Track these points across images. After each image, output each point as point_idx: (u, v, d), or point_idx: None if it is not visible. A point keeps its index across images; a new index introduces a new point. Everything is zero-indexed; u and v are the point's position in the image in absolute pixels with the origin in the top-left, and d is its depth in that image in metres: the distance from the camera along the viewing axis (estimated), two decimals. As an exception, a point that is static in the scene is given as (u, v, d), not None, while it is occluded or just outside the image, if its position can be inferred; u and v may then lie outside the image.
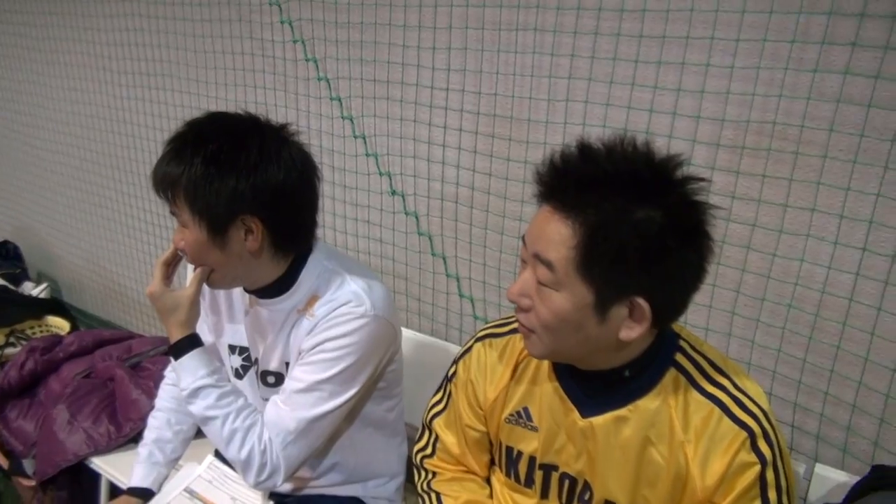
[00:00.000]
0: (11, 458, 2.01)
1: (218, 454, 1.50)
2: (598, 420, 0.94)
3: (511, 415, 1.04)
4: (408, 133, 1.70)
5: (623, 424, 0.92)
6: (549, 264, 0.84)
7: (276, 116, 1.88)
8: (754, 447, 0.86)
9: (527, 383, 1.02)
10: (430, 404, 1.18)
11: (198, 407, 1.17)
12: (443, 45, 1.57)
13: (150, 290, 1.18)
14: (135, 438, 1.83)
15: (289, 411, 1.16)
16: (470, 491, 1.12)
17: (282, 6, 1.83)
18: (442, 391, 1.16)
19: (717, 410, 0.88)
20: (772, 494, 0.86)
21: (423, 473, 1.18)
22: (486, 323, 1.13)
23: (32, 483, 1.90)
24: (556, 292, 0.85)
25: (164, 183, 1.11)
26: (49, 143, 2.92)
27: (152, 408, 1.82)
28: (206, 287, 1.22)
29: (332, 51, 1.77)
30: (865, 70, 1.11)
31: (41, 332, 2.73)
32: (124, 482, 1.70)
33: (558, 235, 0.83)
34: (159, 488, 1.39)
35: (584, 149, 0.86)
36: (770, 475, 0.86)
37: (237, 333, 1.32)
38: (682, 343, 0.94)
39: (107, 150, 2.65)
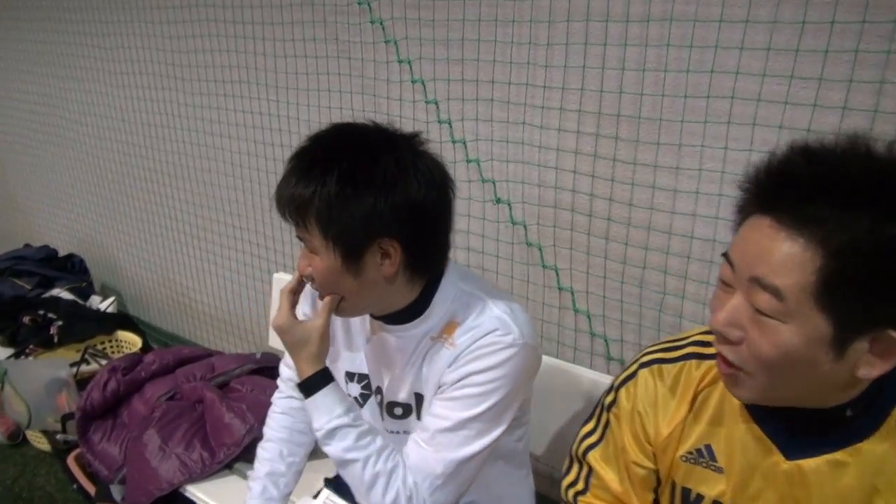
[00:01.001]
0: (97, 483, 1.94)
1: (329, 484, 1.41)
2: (810, 464, 0.81)
3: (689, 453, 0.91)
4: (514, 137, 1.58)
5: (841, 470, 0.80)
6: (776, 291, 0.71)
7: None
8: None
9: (709, 418, 0.90)
10: (582, 434, 1.05)
11: (335, 448, 1.06)
12: (558, 41, 1.45)
13: (277, 323, 1.09)
14: (229, 464, 1.75)
15: (433, 452, 1.06)
16: None
17: (371, 5, 1.72)
18: (595, 420, 1.03)
19: None
20: None
21: None
22: (650, 346, 1.00)
23: (121, 510, 1.84)
24: (781, 324, 0.72)
25: (293, 205, 1.01)
26: (112, 153, 2.87)
27: (247, 432, 1.76)
28: (311, 297, 1.14)
29: (428, 51, 1.66)
30: None
31: (113, 347, 2.68)
32: (220, 511, 1.63)
33: (789, 257, 0.70)
34: None
35: (811, 152, 0.73)
36: None
37: (356, 360, 1.22)
38: None
39: (174, 159, 2.58)
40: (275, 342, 2.01)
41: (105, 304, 2.97)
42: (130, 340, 2.67)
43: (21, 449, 2.50)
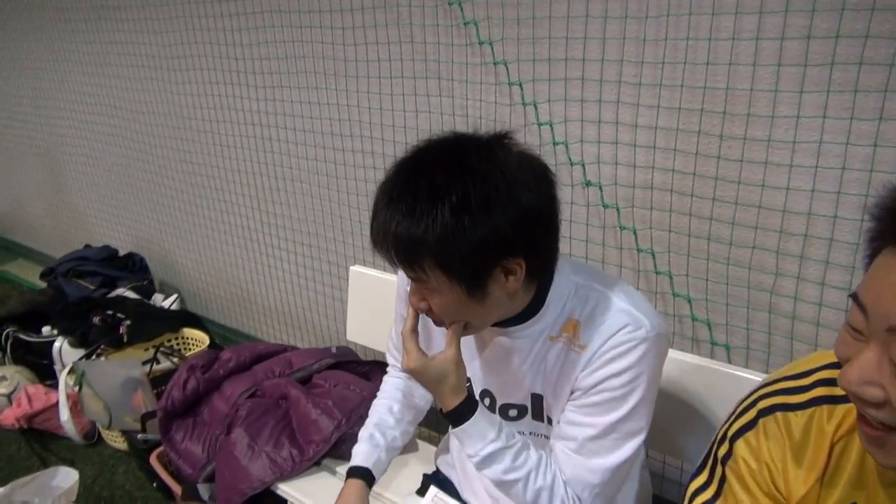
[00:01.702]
0: (182, 482, 1.94)
1: (431, 480, 1.38)
2: None
3: None
4: (606, 117, 1.52)
5: None
6: None
7: (443, 109, 1.79)
8: None
9: (849, 477, 0.77)
10: (693, 489, 0.90)
11: (494, 472, 1.04)
12: (636, 14, 1.39)
13: (411, 366, 1.04)
14: (318, 462, 1.73)
15: (585, 461, 1.02)
16: None
17: (462, 6, 1.66)
18: (708, 473, 0.89)
19: None
20: None
21: None
22: (767, 383, 0.85)
23: (209, 508, 1.83)
24: None
25: (402, 247, 0.91)
26: (168, 150, 2.86)
27: (335, 429, 1.74)
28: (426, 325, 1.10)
29: (510, 31, 1.60)
30: None
31: (181, 345, 2.68)
32: (313, 508, 1.61)
33: None
34: (380, 474, 1.33)
35: None
36: None
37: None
38: None
39: (233, 154, 2.56)
40: (354, 337, 1.98)
41: (168, 302, 2.98)
42: (198, 338, 2.67)
43: (97, 448, 2.52)
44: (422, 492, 1.34)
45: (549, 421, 1.13)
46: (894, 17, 1.13)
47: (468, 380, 1.16)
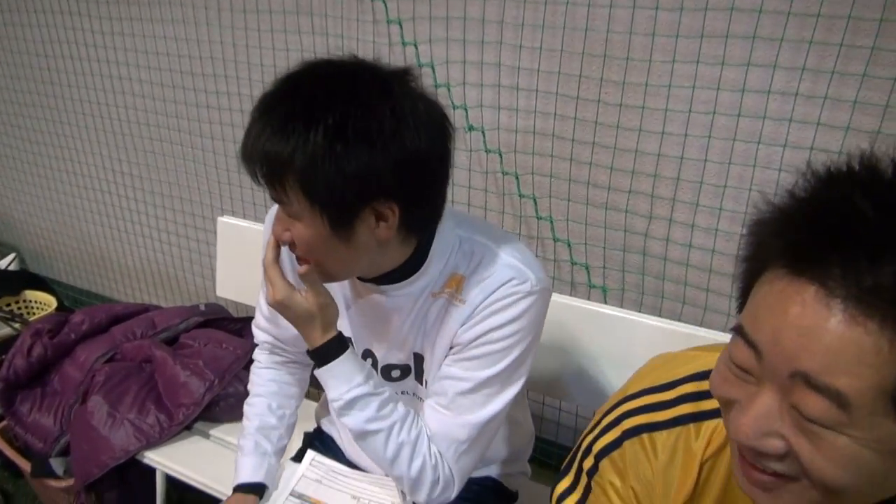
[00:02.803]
0: (31, 457, 1.75)
1: (311, 441, 1.32)
2: None
3: None
4: (479, 58, 1.48)
5: None
6: (837, 396, 0.50)
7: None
8: None
9: (719, 490, 0.71)
10: (560, 492, 0.84)
11: (356, 419, 0.97)
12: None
13: (277, 298, 0.96)
14: (189, 426, 1.62)
15: (454, 417, 0.99)
16: None
17: None
18: (573, 477, 0.83)
19: None
20: None
21: None
22: (628, 398, 0.77)
23: (64, 484, 1.67)
24: (842, 436, 0.51)
25: (267, 165, 0.85)
26: None
27: (207, 390, 1.63)
28: (290, 263, 1.00)
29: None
30: None
31: (23, 308, 2.41)
32: (186, 474, 1.51)
33: (855, 348, 0.49)
34: (273, 483, 1.19)
35: (875, 192, 0.50)
36: None
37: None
38: None
39: (70, 94, 2.29)
40: (224, 293, 1.85)
41: (5, 263, 2.66)
42: (43, 300, 2.41)
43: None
44: (300, 456, 1.27)
45: (427, 385, 1.09)
46: (763, -36, 1.17)
47: (347, 339, 1.10)
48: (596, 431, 0.79)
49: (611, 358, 1.33)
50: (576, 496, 0.81)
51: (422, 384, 1.10)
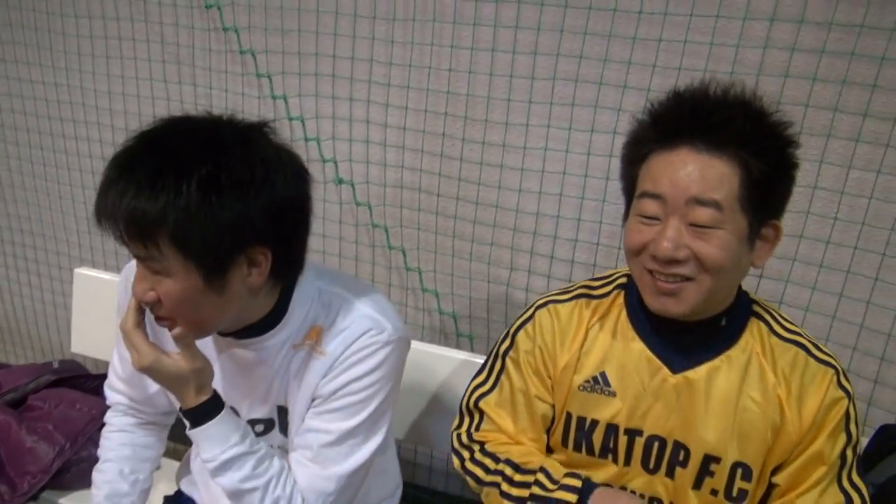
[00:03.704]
0: None
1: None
2: (693, 374, 0.93)
3: (586, 381, 0.98)
4: (357, 115, 1.53)
5: (717, 375, 0.93)
6: (715, 204, 0.83)
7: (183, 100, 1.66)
8: (840, 384, 0.91)
9: (601, 348, 0.99)
10: (473, 386, 1.08)
11: (231, 479, 0.95)
12: (385, 15, 1.43)
13: (144, 364, 0.92)
14: (35, 496, 1.50)
15: (320, 470, 0.99)
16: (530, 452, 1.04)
17: None
18: (487, 371, 1.07)
19: (801, 352, 0.92)
20: (853, 428, 0.91)
21: (466, 451, 1.05)
22: (542, 294, 1.07)
23: None
24: (720, 230, 0.84)
25: (135, 224, 0.82)
26: None
27: (56, 455, 1.53)
28: (153, 325, 0.97)
29: (257, 19, 1.54)
30: (864, 52, 1.16)
31: None
32: (29, 549, 1.40)
33: (717, 173, 0.83)
34: None
35: (702, 90, 0.87)
36: (852, 409, 0.91)
37: None
38: (752, 296, 0.98)
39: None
40: (80, 348, 1.75)
41: None
42: None
43: None
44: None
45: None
46: (603, 40, 1.29)
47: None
48: (514, 322, 1.07)
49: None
50: (489, 384, 1.06)
51: (287, 437, 1.09)
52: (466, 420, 1.08)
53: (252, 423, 1.08)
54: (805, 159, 1.24)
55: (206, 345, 1.04)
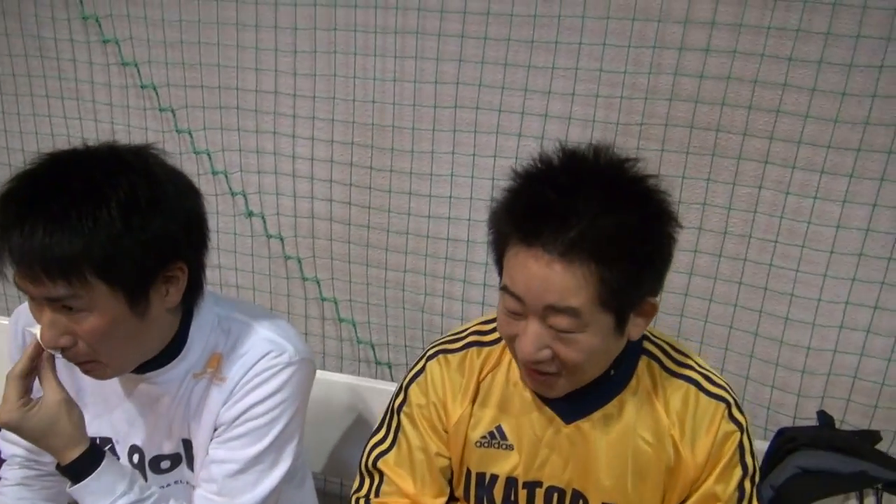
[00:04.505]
0: None
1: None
2: (585, 423, 0.92)
3: (483, 437, 0.96)
4: (264, 147, 1.52)
5: (610, 421, 0.92)
6: (573, 312, 0.79)
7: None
8: (731, 416, 0.91)
9: (496, 401, 0.96)
10: (371, 444, 1.04)
11: None
12: (287, 49, 1.44)
13: (6, 419, 0.87)
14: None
15: (229, 501, 0.96)
16: None
17: (101, 21, 1.52)
18: (385, 428, 1.03)
19: (692, 389, 0.92)
20: (748, 459, 0.91)
21: None
22: (433, 343, 1.04)
23: None
24: (581, 334, 0.81)
25: (55, 263, 0.78)
26: None
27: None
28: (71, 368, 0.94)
29: (158, 53, 1.52)
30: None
31: None
32: None
33: (573, 280, 0.78)
34: None
35: (553, 181, 0.80)
36: (745, 440, 0.91)
37: (96, 422, 1.04)
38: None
39: None
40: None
41: None
42: None
43: None
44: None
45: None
46: (500, 68, 1.33)
47: (109, 440, 1.04)
48: (406, 374, 1.03)
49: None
50: (387, 442, 1.02)
51: (193, 471, 1.06)
52: (367, 482, 1.04)
53: (157, 459, 1.05)
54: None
55: (113, 384, 1.01)
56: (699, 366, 0.94)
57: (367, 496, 1.03)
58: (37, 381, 0.93)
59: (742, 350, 1.37)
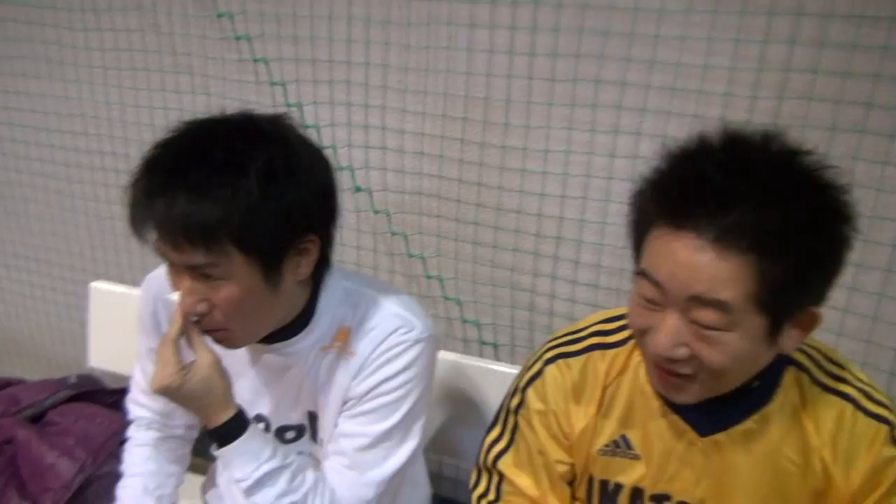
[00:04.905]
0: None
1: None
2: (722, 437, 0.85)
3: (606, 446, 0.91)
4: (374, 122, 1.51)
5: (752, 438, 0.84)
6: (721, 306, 0.71)
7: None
8: (894, 440, 0.81)
9: (621, 409, 0.90)
10: (489, 442, 1.00)
11: (266, 497, 0.92)
12: (399, 20, 1.40)
13: (165, 383, 0.88)
14: (56, 513, 1.48)
15: (358, 476, 0.97)
16: None
17: None
18: (500, 425, 1.00)
19: (848, 407, 0.82)
20: None
21: None
22: (549, 340, 0.98)
23: None
24: (727, 334, 0.72)
25: (197, 230, 0.80)
26: None
27: (78, 471, 1.52)
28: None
29: (271, 28, 1.52)
30: None
31: None
32: (52, 569, 1.38)
33: (728, 271, 0.70)
34: None
35: (717, 159, 0.73)
36: None
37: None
38: None
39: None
40: (98, 363, 1.74)
41: None
42: None
43: None
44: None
45: (323, 444, 1.06)
46: (624, 39, 1.26)
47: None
48: (522, 373, 0.97)
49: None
50: (504, 441, 0.98)
51: (317, 443, 1.07)
52: (484, 481, 1.01)
53: (282, 430, 1.07)
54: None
55: (240, 354, 1.03)
56: (858, 380, 0.85)
57: (487, 496, 1.00)
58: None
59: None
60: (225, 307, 0.87)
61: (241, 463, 0.92)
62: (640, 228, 0.78)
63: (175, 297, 0.87)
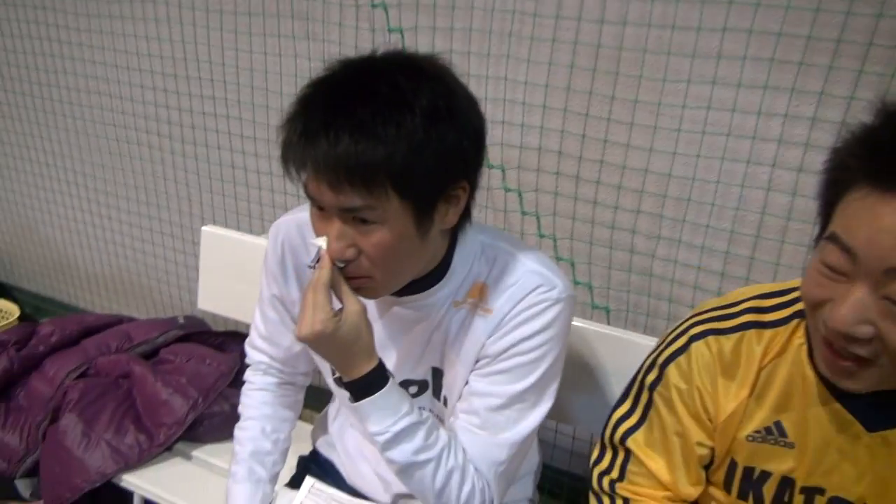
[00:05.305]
0: (-5, 478, 1.64)
1: (318, 465, 1.25)
2: (894, 436, 0.77)
3: (757, 432, 0.84)
4: (494, 73, 1.45)
5: None
6: None
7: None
8: None
9: (777, 395, 0.82)
10: (617, 417, 0.93)
11: (403, 453, 0.89)
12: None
13: (316, 330, 0.83)
14: (170, 447, 1.53)
15: (490, 437, 0.94)
16: None
17: None
18: (631, 401, 0.93)
19: None
20: None
21: (608, 498, 0.93)
22: (696, 313, 0.89)
23: (30, 508, 1.57)
24: None
25: (358, 171, 0.76)
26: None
27: (190, 409, 1.55)
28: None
29: (425, 19, 1.47)
30: None
31: (-18, 318, 2.28)
32: (166, 498, 1.43)
33: None
34: None
35: None
36: None
37: None
38: None
39: (33, 91, 2.17)
40: (207, 305, 1.77)
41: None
42: (5, 308, 2.28)
43: None
44: (296, 482, 1.20)
45: (446, 401, 1.03)
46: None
47: None
48: (661, 347, 0.89)
49: (620, 382, 1.29)
50: (634, 418, 0.91)
51: (439, 401, 1.05)
52: (608, 455, 0.94)
53: (407, 384, 1.04)
54: None
55: (369, 306, 0.99)
56: None
57: (608, 470, 0.94)
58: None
59: None
60: (373, 253, 0.83)
61: (379, 417, 0.89)
62: (836, 187, 0.70)
63: (321, 241, 0.84)
